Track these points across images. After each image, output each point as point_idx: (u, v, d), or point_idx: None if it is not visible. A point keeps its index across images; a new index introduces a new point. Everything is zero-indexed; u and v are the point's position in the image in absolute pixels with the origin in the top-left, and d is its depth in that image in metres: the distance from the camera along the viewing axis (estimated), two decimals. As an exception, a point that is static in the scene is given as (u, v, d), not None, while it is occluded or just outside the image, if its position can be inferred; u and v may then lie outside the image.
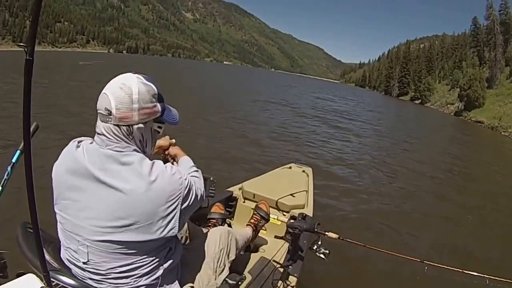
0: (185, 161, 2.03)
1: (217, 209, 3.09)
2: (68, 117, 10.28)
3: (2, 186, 2.04)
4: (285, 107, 24.19)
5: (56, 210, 1.50)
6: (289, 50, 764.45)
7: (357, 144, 14.86)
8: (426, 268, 2.24)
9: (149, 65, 63.17)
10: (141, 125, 1.45)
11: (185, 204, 1.52)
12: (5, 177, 2.06)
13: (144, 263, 1.47)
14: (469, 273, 2.20)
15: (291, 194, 3.78)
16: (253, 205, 3.47)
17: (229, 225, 3.15)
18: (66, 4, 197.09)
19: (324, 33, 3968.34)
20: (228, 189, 3.91)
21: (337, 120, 22.21)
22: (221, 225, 2.94)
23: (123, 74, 1.48)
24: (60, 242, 1.57)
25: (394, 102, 76.01)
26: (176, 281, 1.68)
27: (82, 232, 1.41)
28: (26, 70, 0.82)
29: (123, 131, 1.42)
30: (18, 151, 2.15)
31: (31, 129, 1.59)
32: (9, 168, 2.08)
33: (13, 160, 2.12)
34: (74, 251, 1.45)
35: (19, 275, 1.48)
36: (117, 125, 1.41)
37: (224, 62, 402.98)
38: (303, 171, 4.96)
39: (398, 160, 12.67)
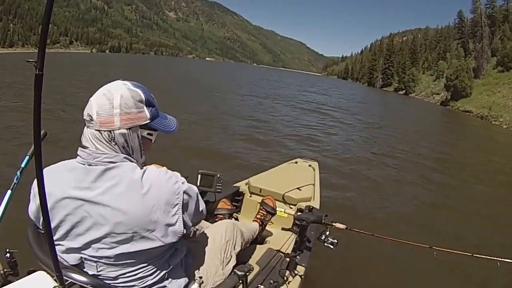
0: None
1: (223, 205, 3.11)
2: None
3: (12, 190, 2.10)
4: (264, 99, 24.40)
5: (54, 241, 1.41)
6: (271, 45, 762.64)
7: (353, 135, 15.16)
8: (435, 253, 2.27)
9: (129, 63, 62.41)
10: (123, 131, 1.42)
11: (186, 209, 1.50)
12: (14, 181, 2.13)
13: (152, 265, 1.48)
14: (479, 256, 2.23)
15: (298, 188, 3.81)
16: (259, 199, 3.44)
17: (236, 219, 3.23)
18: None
19: (306, 28, 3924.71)
20: (235, 185, 3.92)
21: (327, 111, 22.41)
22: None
23: (111, 82, 1.47)
24: None
25: (379, 93, 76.74)
26: (183, 272, 1.68)
27: (88, 252, 1.41)
28: (36, 84, 0.85)
29: (104, 136, 1.40)
30: (27, 157, 2.23)
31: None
32: (18, 173, 2.16)
33: (22, 165, 2.20)
34: (80, 267, 1.45)
35: (30, 272, 1.49)
36: (98, 130, 1.40)
37: (207, 59, 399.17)
38: (309, 165, 5.00)
39: (398, 149, 12.91)
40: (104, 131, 1.39)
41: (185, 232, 1.49)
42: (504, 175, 11.60)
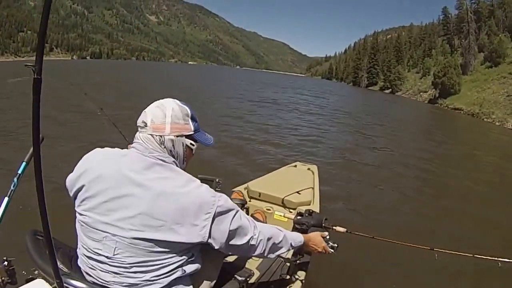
0: None
1: (236, 196, 3.22)
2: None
3: (9, 197, 2.09)
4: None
5: (79, 211, 1.60)
6: (254, 47, 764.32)
7: (348, 137, 15.22)
8: (436, 255, 2.26)
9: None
10: (172, 137, 1.65)
11: (218, 222, 1.59)
12: (12, 188, 2.12)
13: (167, 262, 1.56)
14: (481, 257, 2.20)
15: (297, 192, 3.76)
16: (259, 204, 3.55)
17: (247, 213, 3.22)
18: (29, 13, 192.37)
19: (289, 29, 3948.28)
20: (234, 189, 3.83)
21: (318, 112, 22.69)
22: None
23: (163, 99, 1.73)
24: (68, 247, 1.73)
25: (365, 93, 76.87)
26: (189, 281, 1.72)
27: (113, 230, 1.50)
28: (34, 88, 0.85)
29: (155, 139, 1.61)
30: (24, 163, 2.22)
31: None
32: (15, 179, 2.14)
33: (19, 172, 2.19)
34: (97, 246, 1.54)
35: (28, 280, 1.50)
36: (151, 135, 1.62)
37: (189, 63, 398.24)
38: (308, 168, 4.94)
39: (396, 151, 12.95)
40: (156, 135, 1.62)
41: (208, 240, 1.59)
42: (506, 174, 11.63)
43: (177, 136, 1.68)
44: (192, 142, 1.77)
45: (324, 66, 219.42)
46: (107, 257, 1.52)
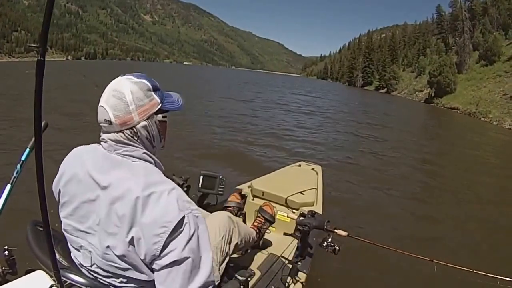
0: None
1: (234, 198, 3.16)
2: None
3: (11, 184, 2.04)
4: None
5: (61, 217, 1.48)
6: (249, 47, 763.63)
7: (349, 138, 15.00)
8: (435, 267, 2.25)
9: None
10: (143, 123, 1.44)
11: (173, 238, 1.28)
12: (14, 174, 2.06)
13: (139, 282, 1.38)
14: (480, 273, 2.20)
15: (301, 192, 3.74)
16: (262, 202, 3.41)
17: (244, 219, 3.20)
18: (23, 12, 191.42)
19: (284, 29, 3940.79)
20: (237, 187, 3.84)
21: (319, 114, 22.56)
22: (236, 214, 2.99)
23: (113, 80, 1.45)
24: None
25: (361, 93, 76.23)
26: None
27: (88, 238, 1.39)
28: (38, 70, 0.83)
29: (127, 135, 1.41)
30: (28, 149, 2.15)
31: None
32: (18, 166, 2.08)
33: (22, 158, 2.12)
34: (77, 255, 1.46)
35: (28, 271, 1.47)
36: (120, 131, 1.40)
37: (184, 63, 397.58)
38: (312, 169, 4.93)
39: (395, 151, 12.75)
40: (126, 129, 1.41)
41: (155, 260, 1.31)
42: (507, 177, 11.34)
43: (148, 119, 1.45)
44: (164, 114, 1.54)
45: (319, 66, 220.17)
46: (86, 267, 1.42)
